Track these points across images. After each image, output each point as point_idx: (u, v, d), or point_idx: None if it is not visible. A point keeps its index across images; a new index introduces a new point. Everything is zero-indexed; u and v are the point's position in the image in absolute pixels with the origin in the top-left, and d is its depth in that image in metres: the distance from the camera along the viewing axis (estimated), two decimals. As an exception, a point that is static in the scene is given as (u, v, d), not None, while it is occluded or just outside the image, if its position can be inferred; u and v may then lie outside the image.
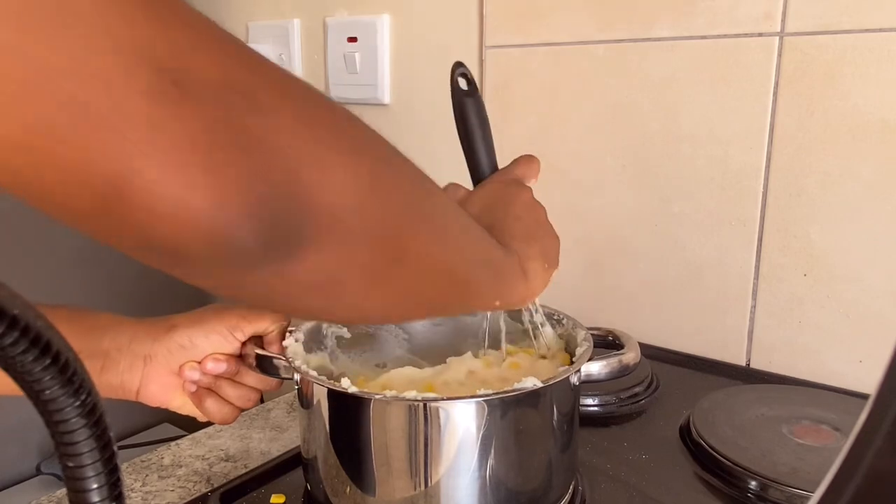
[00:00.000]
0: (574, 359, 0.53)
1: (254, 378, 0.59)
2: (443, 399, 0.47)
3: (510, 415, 0.48)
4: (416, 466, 0.47)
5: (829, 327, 0.75)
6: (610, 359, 0.52)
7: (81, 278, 1.17)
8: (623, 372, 0.52)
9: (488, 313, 0.63)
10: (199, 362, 0.58)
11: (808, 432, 0.63)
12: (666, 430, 0.67)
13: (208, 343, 0.57)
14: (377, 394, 0.48)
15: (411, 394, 0.46)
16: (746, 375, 0.79)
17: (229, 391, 0.59)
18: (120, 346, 0.56)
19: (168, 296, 0.97)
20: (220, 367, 0.57)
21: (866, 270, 0.72)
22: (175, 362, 0.57)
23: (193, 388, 0.58)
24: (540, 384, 0.47)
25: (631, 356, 0.53)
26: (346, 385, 0.48)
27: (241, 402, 0.59)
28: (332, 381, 0.49)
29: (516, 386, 0.47)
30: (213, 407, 0.58)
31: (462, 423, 0.47)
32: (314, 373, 0.51)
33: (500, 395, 0.47)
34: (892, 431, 0.19)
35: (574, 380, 0.50)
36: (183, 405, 0.59)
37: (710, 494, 0.58)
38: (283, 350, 0.56)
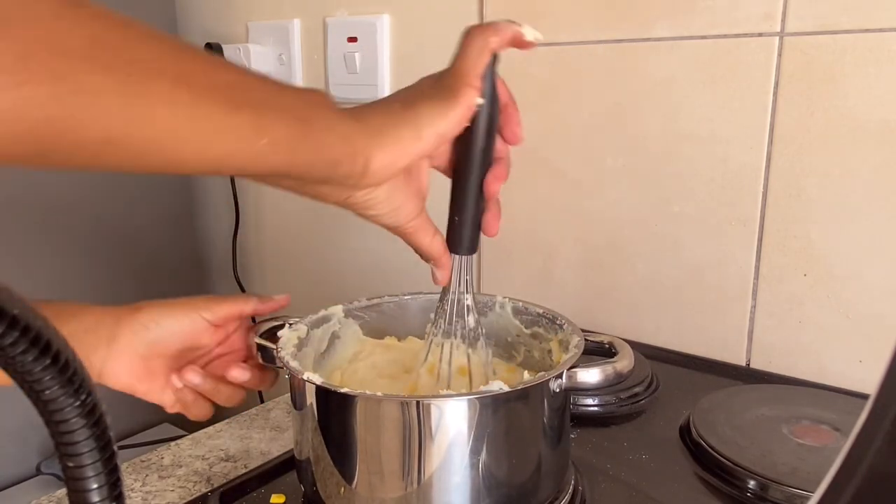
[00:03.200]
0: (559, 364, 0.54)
1: (248, 375, 0.58)
2: (435, 397, 0.47)
3: (500, 413, 0.48)
4: (408, 464, 0.47)
5: (829, 327, 0.75)
6: (603, 366, 0.53)
7: (82, 271, 1.17)
8: (616, 379, 0.53)
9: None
10: (204, 366, 0.56)
11: (808, 432, 0.63)
12: (666, 430, 0.67)
13: (175, 322, 0.56)
14: (369, 392, 0.47)
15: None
16: (746, 375, 0.79)
17: (224, 390, 0.58)
18: (86, 327, 0.55)
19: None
20: (245, 375, 0.56)
21: (866, 270, 0.72)
22: (139, 343, 0.55)
23: (180, 385, 0.56)
24: (506, 388, 0.47)
25: (623, 364, 0.53)
26: (314, 377, 0.48)
27: (227, 401, 0.58)
28: (308, 373, 0.49)
29: (482, 389, 0.47)
30: (196, 405, 0.57)
31: (454, 421, 0.47)
32: (295, 363, 0.51)
33: (479, 395, 0.47)
34: (892, 431, 0.19)
35: (554, 386, 0.50)
36: (148, 392, 0.56)
37: (710, 494, 0.58)
38: (276, 340, 0.55)
